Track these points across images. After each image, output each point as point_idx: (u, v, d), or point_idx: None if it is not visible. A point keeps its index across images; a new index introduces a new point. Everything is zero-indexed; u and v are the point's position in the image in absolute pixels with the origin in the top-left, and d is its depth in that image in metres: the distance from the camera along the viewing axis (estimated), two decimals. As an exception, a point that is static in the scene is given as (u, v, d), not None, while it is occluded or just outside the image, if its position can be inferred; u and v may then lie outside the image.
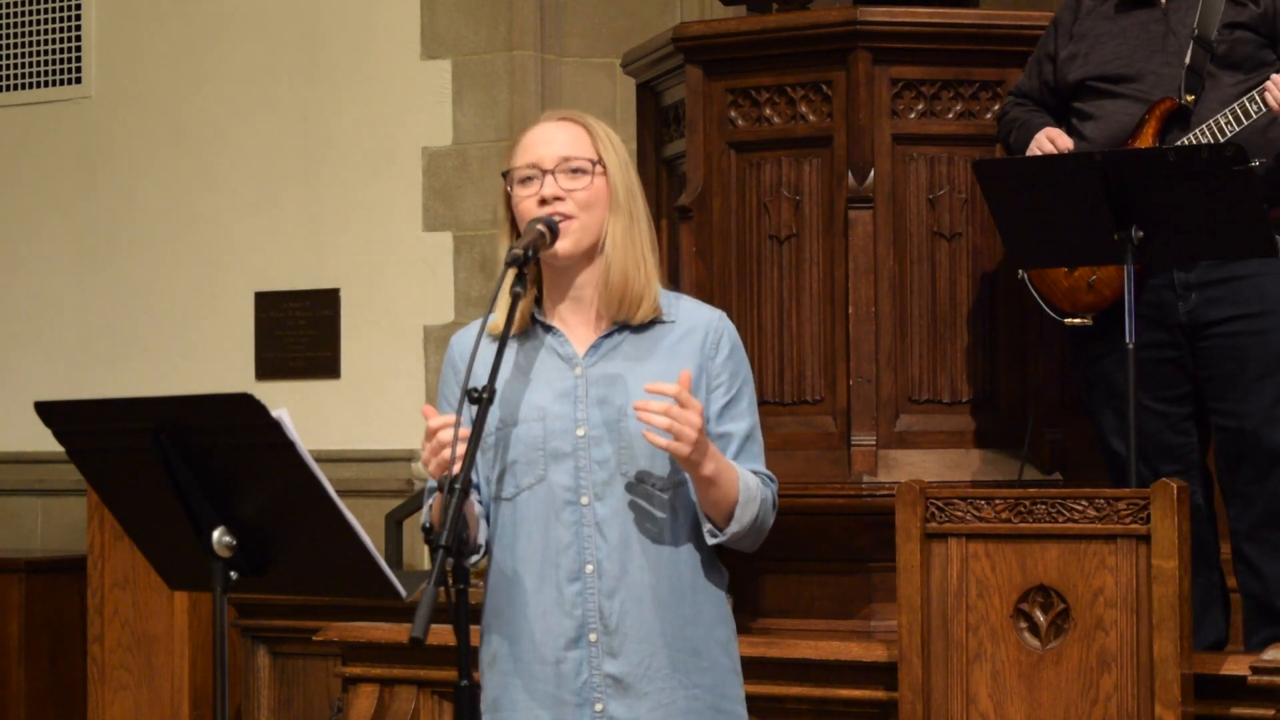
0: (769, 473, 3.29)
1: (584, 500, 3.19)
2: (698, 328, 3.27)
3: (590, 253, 3.24)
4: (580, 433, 3.20)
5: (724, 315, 3.32)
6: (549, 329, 3.27)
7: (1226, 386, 4.38)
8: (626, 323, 3.25)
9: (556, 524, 3.19)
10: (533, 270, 3.25)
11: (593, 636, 3.18)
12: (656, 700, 3.18)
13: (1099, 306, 4.47)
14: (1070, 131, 4.53)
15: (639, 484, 3.19)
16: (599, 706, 3.18)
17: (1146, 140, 4.39)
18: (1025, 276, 4.54)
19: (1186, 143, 4.34)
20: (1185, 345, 4.42)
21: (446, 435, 3.05)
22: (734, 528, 3.20)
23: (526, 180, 3.23)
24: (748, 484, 3.21)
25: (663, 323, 3.26)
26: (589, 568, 3.18)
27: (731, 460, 3.23)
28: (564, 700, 3.18)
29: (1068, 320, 4.49)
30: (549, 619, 3.19)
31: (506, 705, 3.22)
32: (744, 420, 3.27)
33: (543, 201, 3.20)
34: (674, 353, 3.24)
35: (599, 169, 3.22)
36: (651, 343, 3.25)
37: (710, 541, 3.22)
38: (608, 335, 3.25)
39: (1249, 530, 4.39)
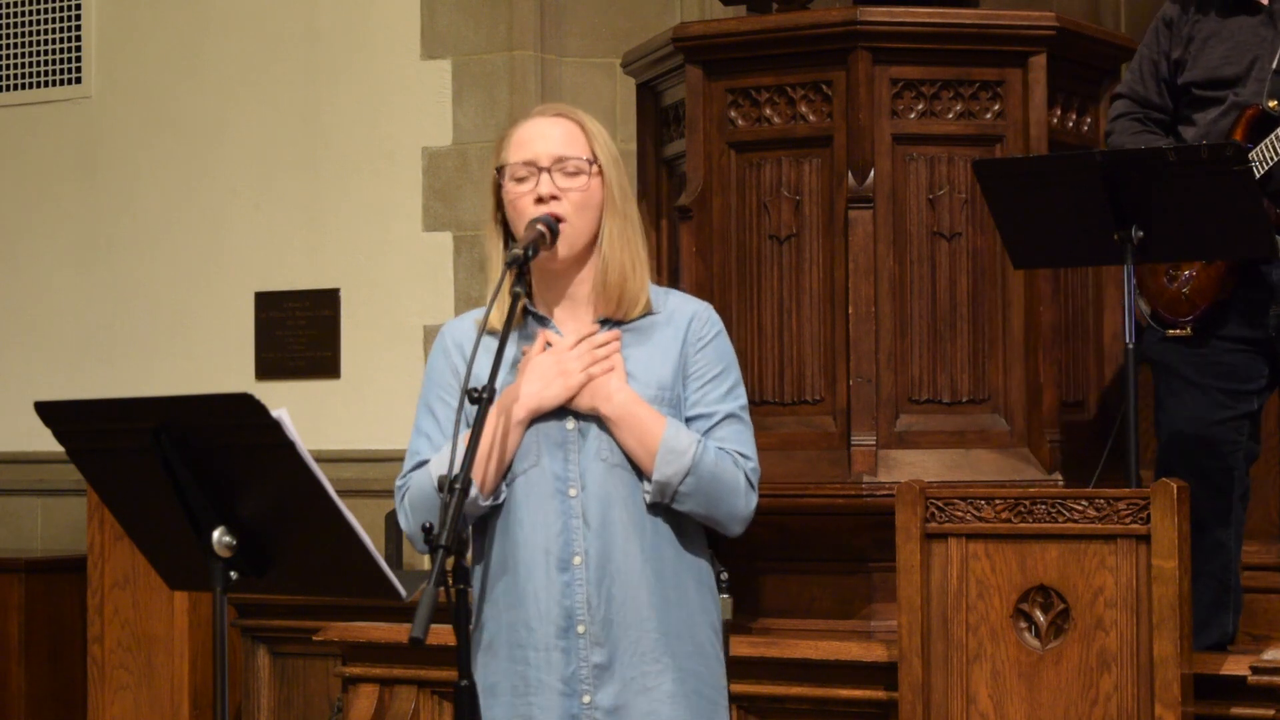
0: (744, 453, 3.27)
1: (571, 492, 3.21)
2: (682, 319, 3.29)
3: (584, 254, 3.25)
4: (570, 426, 3.23)
5: (709, 307, 3.34)
6: (542, 320, 3.29)
7: None
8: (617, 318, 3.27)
9: (548, 512, 3.21)
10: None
11: (581, 628, 3.20)
12: (641, 685, 3.19)
13: (1193, 314, 4.46)
14: (1176, 138, 4.51)
15: (625, 473, 3.21)
16: (586, 699, 3.19)
17: None
18: (1135, 288, 4.52)
19: (1263, 151, 4.30)
20: (1271, 350, 4.41)
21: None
22: (657, 477, 3.19)
23: (521, 178, 3.23)
24: (674, 438, 3.19)
25: (651, 314, 3.28)
26: (577, 559, 3.20)
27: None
28: (552, 687, 3.20)
29: (1169, 332, 4.49)
30: (540, 606, 3.21)
31: (495, 691, 3.22)
32: (723, 404, 3.28)
33: (539, 199, 3.20)
34: (659, 342, 3.27)
35: (594, 169, 3.23)
36: (640, 336, 3.28)
37: (645, 499, 3.21)
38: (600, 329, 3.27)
39: None
